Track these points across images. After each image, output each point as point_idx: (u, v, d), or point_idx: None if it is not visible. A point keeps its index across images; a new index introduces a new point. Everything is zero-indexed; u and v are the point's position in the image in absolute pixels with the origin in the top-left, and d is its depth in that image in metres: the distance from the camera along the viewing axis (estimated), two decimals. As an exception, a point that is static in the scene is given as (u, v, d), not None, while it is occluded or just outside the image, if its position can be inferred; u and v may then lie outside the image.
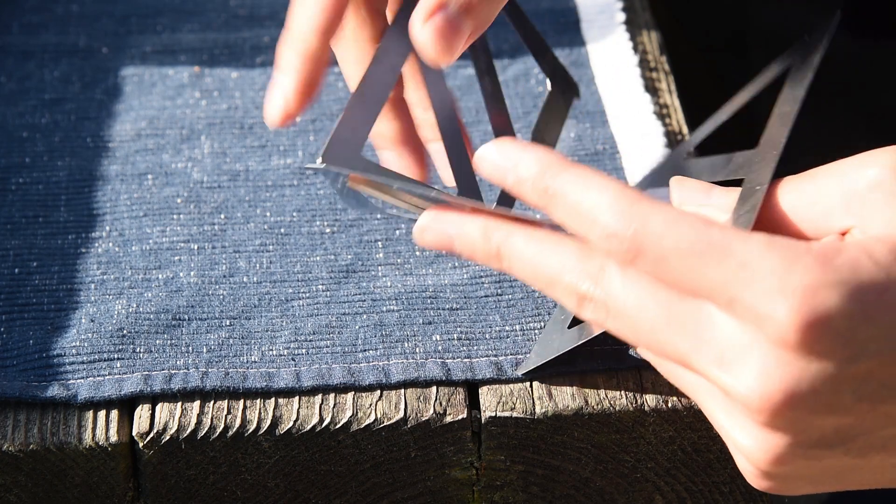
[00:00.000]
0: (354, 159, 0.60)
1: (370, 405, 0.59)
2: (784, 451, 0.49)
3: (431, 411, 0.59)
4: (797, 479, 0.51)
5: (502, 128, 0.64)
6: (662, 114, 0.74)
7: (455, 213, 0.54)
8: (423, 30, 0.54)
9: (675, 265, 0.49)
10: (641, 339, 0.51)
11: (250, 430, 0.58)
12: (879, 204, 0.50)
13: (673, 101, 0.75)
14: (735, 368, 0.48)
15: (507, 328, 0.62)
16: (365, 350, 0.61)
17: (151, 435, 0.58)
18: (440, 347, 0.61)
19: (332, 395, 0.59)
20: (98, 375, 0.60)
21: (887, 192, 0.50)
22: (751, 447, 0.50)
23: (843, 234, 0.51)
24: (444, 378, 0.59)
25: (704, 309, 0.49)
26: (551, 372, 0.59)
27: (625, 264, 0.50)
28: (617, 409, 0.58)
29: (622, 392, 0.59)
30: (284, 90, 0.55)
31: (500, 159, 0.52)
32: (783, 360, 0.47)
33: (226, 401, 0.59)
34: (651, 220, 0.49)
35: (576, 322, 0.59)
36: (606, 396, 0.59)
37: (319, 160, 0.57)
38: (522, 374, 0.60)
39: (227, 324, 0.62)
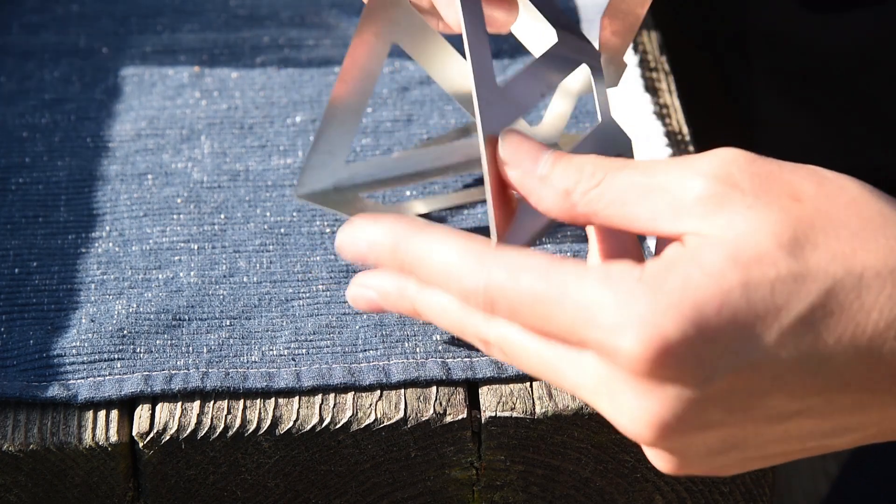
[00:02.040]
0: (325, 193, 0.66)
1: (370, 405, 0.59)
2: (680, 466, 0.50)
3: (431, 411, 0.59)
4: (708, 465, 0.51)
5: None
6: (662, 114, 0.74)
7: (372, 273, 0.55)
8: None
9: (526, 314, 0.50)
10: (536, 376, 0.53)
11: (250, 430, 0.58)
12: (708, 213, 0.49)
13: (673, 101, 0.75)
14: (607, 405, 0.49)
15: (507, 328, 0.62)
16: (365, 350, 0.61)
17: (151, 435, 0.58)
18: (440, 347, 0.61)
19: (332, 395, 0.59)
20: (98, 375, 0.60)
21: (713, 202, 0.49)
22: (655, 465, 0.51)
23: (677, 238, 0.50)
24: (444, 377, 0.59)
25: (569, 350, 0.50)
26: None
27: (491, 314, 0.51)
28: (617, 409, 0.58)
29: (622, 392, 0.59)
30: None
31: (354, 243, 0.54)
32: (642, 392, 0.48)
33: (226, 401, 0.59)
34: (494, 274, 0.50)
35: None
36: (606, 396, 0.59)
37: (295, 194, 0.64)
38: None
39: (228, 324, 0.62)
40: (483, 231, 0.64)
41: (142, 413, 0.59)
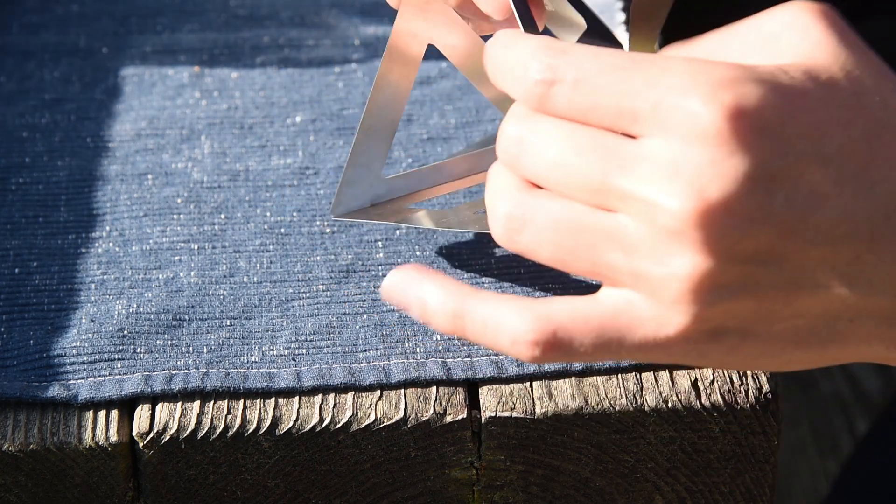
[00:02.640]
0: (364, 210, 0.64)
1: (370, 405, 0.59)
2: (711, 273, 0.49)
3: (431, 411, 0.59)
4: (715, 329, 0.50)
5: None
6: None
7: (416, 286, 0.54)
8: None
9: (595, 83, 0.49)
10: (557, 171, 0.50)
11: (250, 430, 0.58)
12: (794, 39, 0.50)
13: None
14: (663, 184, 0.48)
15: (507, 328, 0.62)
16: (365, 350, 0.61)
17: (151, 435, 0.58)
18: (440, 347, 0.61)
19: (332, 395, 0.59)
20: (98, 376, 0.60)
21: (800, 30, 0.50)
22: (675, 273, 0.49)
23: None
24: (444, 377, 0.59)
25: (622, 137, 0.49)
26: (551, 373, 0.60)
27: (541, 102, 0.50)
28: (617, 409, 0.59)
29: (622, 392, 0.59)
30: None
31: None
32: (715, 161, 0.47)
33: (226, 401, 0.59)
34: (569, 54, 0.50)
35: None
36: (606, 396, 0.59)
37: (332, 215, 0.64)
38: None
39: (228, 324, 0.62)
40: None
41: (142, 413, 0.59)
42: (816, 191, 0.48)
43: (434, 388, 0.59)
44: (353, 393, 0.59)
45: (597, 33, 0.60)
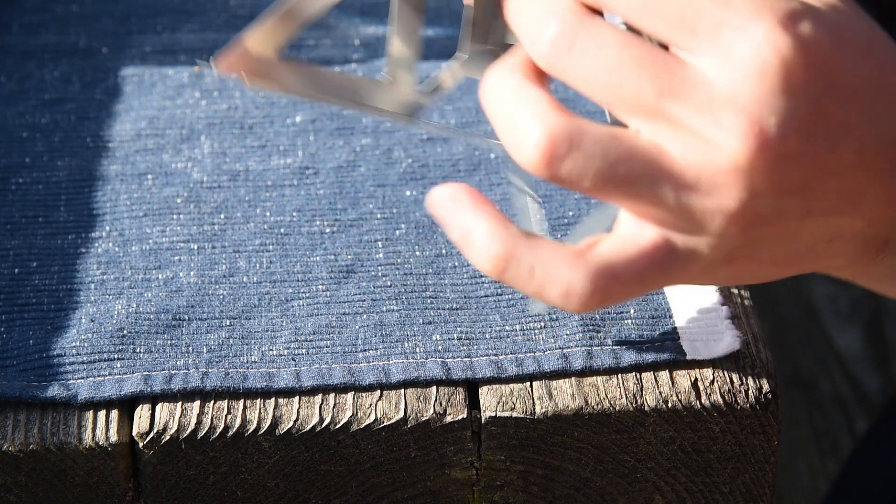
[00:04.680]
0: (256, 63, 0.56)
1: (370, 405, 0.59)
2: (755, 208, 0.49)
3: (431, 411, 0.59)
4: (734, 255, 0.51)
5: None
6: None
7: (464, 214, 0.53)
8: None
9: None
10: (609, 78, 0.49)
11: (250, 430, 0.58)
12: None
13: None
14: (722, 116, 0.48)
15: (507, 328, 0.62)
16: (365, 350, 0.61)
17: (151, 435, 0.58)
18: (440, 347, 0.61)
19: (332, 395, 0.59)
20: (98, 375, 0.60)
21: None
22: (721, 208, 0.49)
23: None
24: (444, 377, 0.59)
25: (683, 60, 0.48)
26: (551, 373, 0.60)
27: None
28: (617, 409, 0.59)
29: (622, 392, 0.59)
30: None
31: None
32: (773, 95, 0.47)
33: (226, 401, 0.59)
34: None
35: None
36: (606, 396, 0.59)
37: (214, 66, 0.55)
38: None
39: (227, 324, 0.62)
40: None
41: (142, 413, 0.59)
42: (845, 122, 0.49)
43: (434, 388, 0.59)
44: (352, 393, 0.59)
45: None
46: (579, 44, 0.49)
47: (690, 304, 0.62)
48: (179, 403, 0.59)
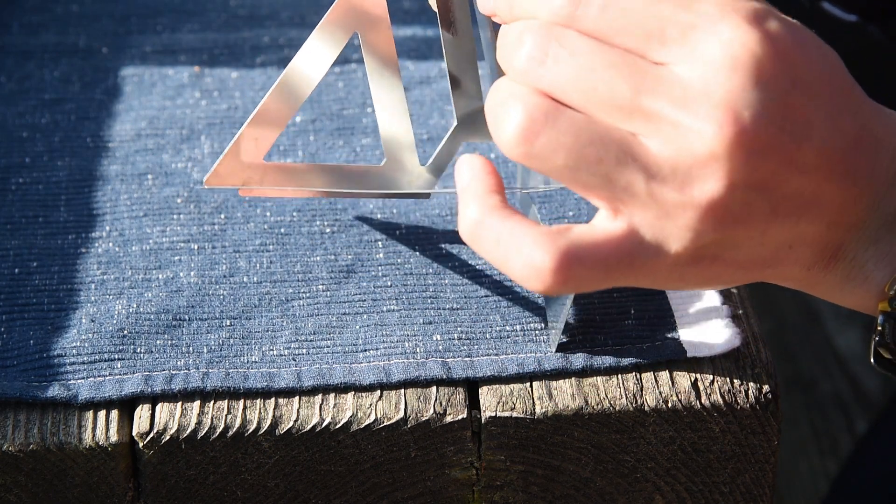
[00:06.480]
0: (247, 173, 0.61)
1: (370, 405, 0.59)
2: (726, 201, 0.50)
3: (431, 411, 0.59)
4: (702, 254, 0.52)
5: None
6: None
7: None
8: None
9: (624, 3, 0.50)
10: (583, 82, 0.50)
11: (250, 430, 0.58)
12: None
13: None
14: (698, 108, 0.49)
15: (507, 328, 0.62)
16: (365, 350, 0.61)
17: (151, 435, 0.58)
18: (441, 347, 0.61)
19: (332, 395, 0.59)
20: (98, 376, 0.60)
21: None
22: (694, 200, 0.50)
23: None
24: (444, 377, 0.59)
25: (653, 64, 0.50)
26: (551, 372, 0.60)
27: (567, 21, 0.50)
28: (617, 409, 0.59)
29: (622, 392, 0.59)
30: None
31: None
32: (746, 88, 0.49)
33: (226, 401, 0.59)
34: None
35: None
36: (606, 396, 0.59)
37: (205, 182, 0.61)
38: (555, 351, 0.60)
39: (228, 324, 0.62)
40: None
41: (142, 413, 0.59)
42: (808, 120, 0.50)
43: (434, 388, 0.59)
44: (353, 393, 0.59)
45: None
46: (552, 54, 0.51)
47: (691, 304, 0.62)
48: (179, 403, 0.59)
